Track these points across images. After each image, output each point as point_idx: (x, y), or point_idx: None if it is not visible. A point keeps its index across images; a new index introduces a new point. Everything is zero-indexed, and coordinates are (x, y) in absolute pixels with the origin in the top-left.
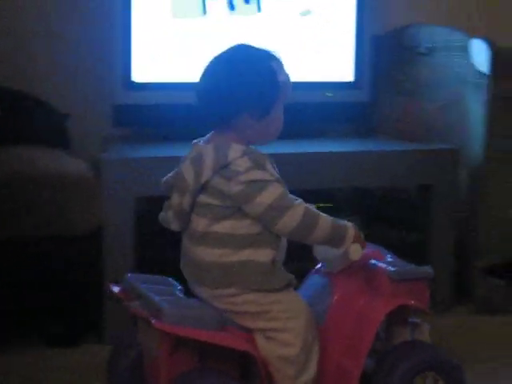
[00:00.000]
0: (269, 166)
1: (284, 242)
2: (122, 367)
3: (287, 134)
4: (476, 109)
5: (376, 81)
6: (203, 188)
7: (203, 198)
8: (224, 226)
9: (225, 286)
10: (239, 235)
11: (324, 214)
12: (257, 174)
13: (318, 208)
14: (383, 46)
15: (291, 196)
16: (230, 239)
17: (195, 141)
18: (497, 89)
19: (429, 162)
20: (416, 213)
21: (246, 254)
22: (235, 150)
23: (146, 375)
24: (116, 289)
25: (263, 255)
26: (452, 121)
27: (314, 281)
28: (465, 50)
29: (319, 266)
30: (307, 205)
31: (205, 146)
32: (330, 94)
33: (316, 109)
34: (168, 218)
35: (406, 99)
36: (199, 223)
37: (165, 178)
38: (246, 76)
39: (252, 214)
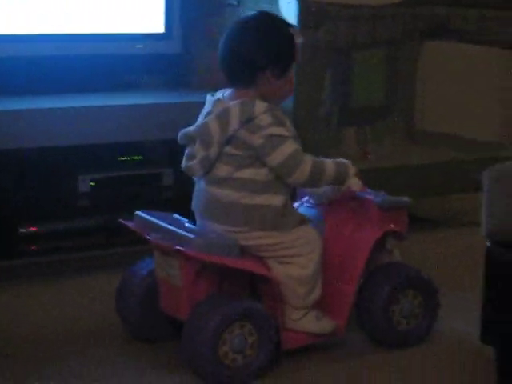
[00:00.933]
0: (288, 123)
1: None
2: (131, 299)
3: (98, 87)
4: None
5: (187, 32)
6: (229, 140)
7: (229, 149)
8: (245, 173)
9: (243, 224)
10: (258, 181)
11: (328, 160)
12: (277, 130)
13: (130, 161)
14: None
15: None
16: (249, 184)
17: (212, 96)
18: (305, 39)
19: None
20: None
21: (263, 199)
22: (260, 106)
23: (163, 305)
24: (131, 224)
25: (277, 200)
26: None
27: (303, 212)
28: (273, 1)
29: (305, 198)
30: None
31: (231, 103)
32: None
33: (127, 61)
34: (193, 166)
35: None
36: (223, 170)
37: (184, 131)
38: (270, 39)
39: (270, 165)
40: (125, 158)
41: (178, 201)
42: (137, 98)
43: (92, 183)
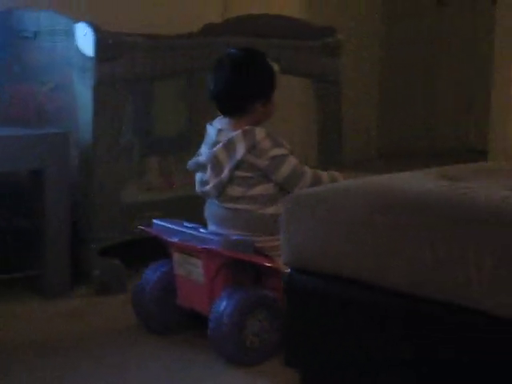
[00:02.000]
0: (284, 142)
1: None
2: (148, 300)
3: None
4: (84, 92)
5: None
6: (238, 165)
7: (239, 173)
8: (256, 190)
9: (258, 230)
10: (267, 195)
11: (319, 171)
12: (278, 151)
13: None
14: None
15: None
16: (260, 199)
17: (210, 125)
18: (102, 72)
19: (39, 146)
20: (29, 198)
21: (273, 209)
22: (260, 134)
23: (181, 300)
24: (150, 230)
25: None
26: (62, 104)
27: None
28: (70, 34)
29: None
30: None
31: (234, 133)
32: None
33: None
34: (208, 190)
35: (15, 83)
36: (237, 190)
37: (194, 160)
38: (257, 73)
39: (276, 181)
40: None
41: None
42: None
43: None
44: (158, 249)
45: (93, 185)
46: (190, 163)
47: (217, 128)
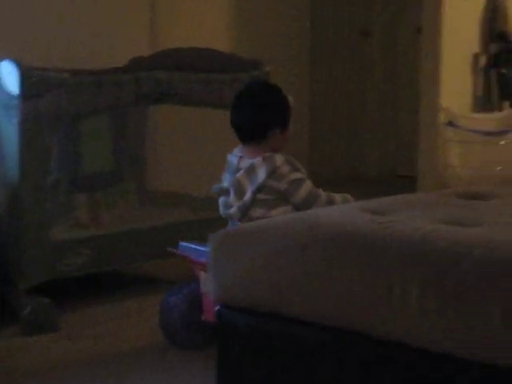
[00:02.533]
0: (300, 167)
1: None
2: (175, 316)
3: None
4: (10, 129)
5: None
6: (260, 188)
7: (261, 196)
8: (277, 211)
9: None
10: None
11: (332, 194)
12: (296, 175)
13: None
14: None
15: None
16: None
17: (231, 155)
18: (28, 109)
19: None
20: None
21: None
22: (279, 159)
23: (207, 315)
24: (178, 251)
25: None
26: None
27: None
28: None
29: None
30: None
31: (255, 159)
32: None
33: None
34: (232, 213)
35: None
36: (258, 212)
37: (217, 186)
38: (275, 103)
39: (295, 203)
40: None
41: None
42: None
43: None
44: (88, 286)
45: (20, 223)
46: (214, 188)
47: (238, 156)
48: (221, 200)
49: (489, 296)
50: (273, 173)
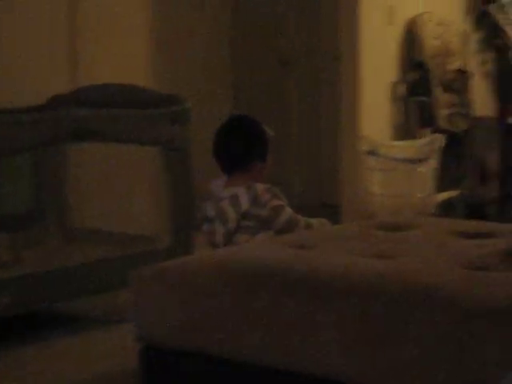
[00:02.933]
0: (280, 194)
1: None
2: None
3: None
4: None
5: None
6: (243, 216)
7: (244, 223)
8: (258, 237)
9: None
10: None
11: (309, 219)
12: (276, 202)
13: None
14: None
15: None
16: None
17: (215, 184)
18: None
19: None
20: None
21: None
22: (260, 188)
23: None
24: None
25: None
26: None
27: None
28: None
29: None
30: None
31: (237, 189)
32: None
33: None
34: (217, 241)
35: None
36: (242, 238)
37: (202, 214)
38: (256, 137)
39: (276, 228)
40: None
41: None
42: None
43: None
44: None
45: None
46: (198, 217)
47: (221, 185)
48: (205, 227)
49: (408, 333)
50: (255, 200)
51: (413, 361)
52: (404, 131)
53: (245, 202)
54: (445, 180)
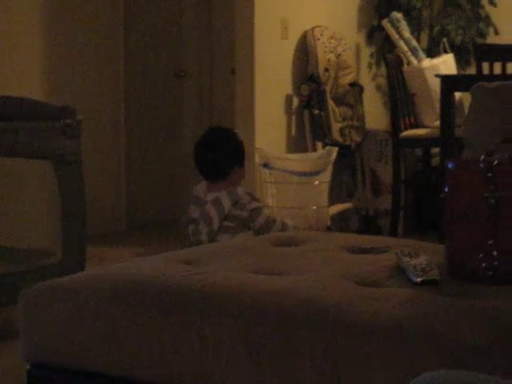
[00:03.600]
0: (258, 197)
1: None
2: None
3: None
4: None
5: None
6: (225, 217)
7: (226, 223)
8: (239, 236)
9: None
10: None
11: (285, 220)
12: (254, 204)
13: None
14: None
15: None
16: None
17: (196, 189)
18: None
19: None
20: None
21: None
22: (240, 192)
23: None
24: None
25: None
26: None
27: None
28: None
29: None
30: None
31: (219, 193)
32: None
33: None
34: (202, 239)
35: None
36: (224, 237)
37: (185, 216)
38: (233, 148)
39: (255, 228)
40: None
41: None
42: None
43: None
44: None
45: None
46: (183, 219)
47: (203, 190)
48: (190, 228)
49: (299, 349)
50: (235, 203)
51: (304, 377)
52: (298, 144)
53: (226, 205)
54: (339, 193)
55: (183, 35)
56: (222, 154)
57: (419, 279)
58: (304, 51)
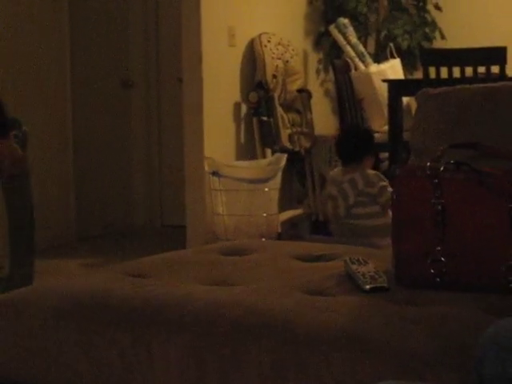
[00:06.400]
0: (384, 178)
1: None
2: None
3: None
4: None
5: None
6: (359, 193)
7: (360, 199)
8: (369, 209)
9: (374, 236)
10: (376, 212)
11: None
12: (382, 183)
13: None
14: None
15: None
16: (374, 214)
17: (333, 173)
18: None
19: None
20: None
21: (381, 221)
22: (371, 173)
23: None
24: None
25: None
26: None
27: None
28: None
29: None
30: None
31: (354, 174)
32: None
33: None
34: (340, 212)
35: None
36: (358, 210)
37: (326, 192)
38: (367, 141)
39: (380, 202)
40: None
41: None
42: None
43: None
44: None
45: None
46: (324, 194)
47: (339, 174)
48: (329, 204)
49: (249, 359)
50: (367, 182)
51: None
52: (248, 151)
53: (360, 184)
54: (289, 199)
55: (130, 44)
56: (359, 145)
57: (368, 286)
58: (252, 58)
